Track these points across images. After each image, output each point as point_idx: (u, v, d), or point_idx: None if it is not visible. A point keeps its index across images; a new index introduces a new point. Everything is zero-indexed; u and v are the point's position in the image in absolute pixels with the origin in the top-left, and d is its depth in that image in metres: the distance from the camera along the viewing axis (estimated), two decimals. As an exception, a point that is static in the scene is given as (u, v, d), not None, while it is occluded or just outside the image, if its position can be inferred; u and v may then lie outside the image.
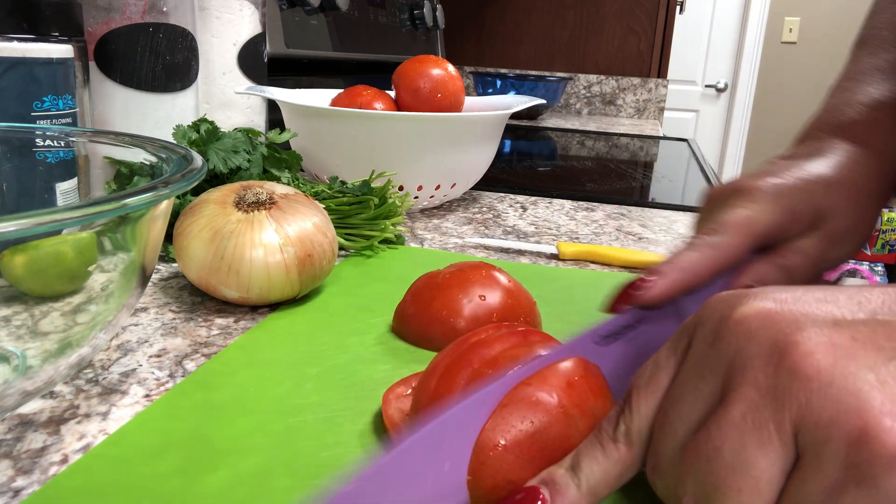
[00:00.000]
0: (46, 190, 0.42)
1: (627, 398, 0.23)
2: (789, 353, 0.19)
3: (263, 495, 0.25)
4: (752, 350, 0.20)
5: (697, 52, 3.46)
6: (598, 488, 0.22)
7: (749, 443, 0.19)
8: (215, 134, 0.52)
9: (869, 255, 2.97)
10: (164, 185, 0.26)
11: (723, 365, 0.20)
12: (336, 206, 0.54)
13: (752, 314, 0.20)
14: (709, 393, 0.21)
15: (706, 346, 0.21)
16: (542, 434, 0.24)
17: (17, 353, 0.27)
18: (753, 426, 0.19)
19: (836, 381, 0.18)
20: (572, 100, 2.03)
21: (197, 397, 0.31)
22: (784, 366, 0.19)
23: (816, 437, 0.18)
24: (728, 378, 0.20)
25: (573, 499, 0.22)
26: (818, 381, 0.18)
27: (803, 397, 0.18)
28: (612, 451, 0.22)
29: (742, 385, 0.19)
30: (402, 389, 0.31)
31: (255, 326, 0.39)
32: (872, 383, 0.18)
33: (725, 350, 0.21)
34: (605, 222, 0.70)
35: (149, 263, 0.30)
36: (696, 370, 0.21)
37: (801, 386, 0.18)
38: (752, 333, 0.20)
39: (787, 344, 0.19)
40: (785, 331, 0.19)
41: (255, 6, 0.65)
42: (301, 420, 0.30)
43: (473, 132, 0.65)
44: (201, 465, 0.27)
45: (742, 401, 0.19)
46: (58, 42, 0.44)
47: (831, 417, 0.18)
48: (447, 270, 0.40)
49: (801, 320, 0.20)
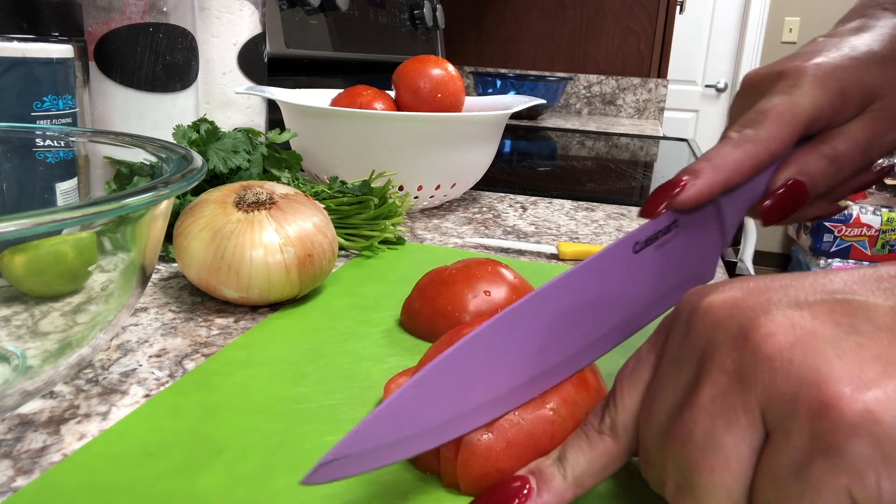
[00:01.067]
0: (46, 190, 0.42)
1: (612, 392, 0.24)
2: (752, 336, 0.20)
3: (263, 495, 0.25)
4: (720, 336, 0.21)
5: (697, 52, 3.46)
6: (583, 479, 0.23)
7: (718, 424, 0.20)
8: (215, 134, 0.52)
9: (868, 255, 2.97)
10: (164, 185, 0.26)
11: (696, 354, 0.21)
12: (336, 206, 0.54)
13: (718, 303, 0.21)
14: (685, 382, 0.21)
15: (680, 337, 0.22)
16: (529, 426, 0.25)
17: (17, 353, 0.27)
18: (721, 408, 0.20)
19: (796, 358, 0.19)
20: (572, 100, 2.03)
21: (196, 397, 0.31)
22: (748, 348, 0.20)
23: (782, 412, 0.19)
24: (700, 365, 0.21)
25: (559, 488, 0.23)
26: (780, 360, 0.19)
27: (767, 377, 0.19)
28: (598, 443, 0.23)
29: (711, 370, 0.20)
30: (403, 379, 0.31)
31: (254, 326, 0.39)
32: (831, 356, 0.18)
33: (697, 339, 0.21)
34: (605, 222, 0.70)
35: (149, 263, 0.30)
36: (673, 361, 0.22)
37: (765, 366, 0.19)
38: (719, 321, 0.21)
39: (750, 328, 0.20)
40: (749, 315, 0.20)
41: (255, 6, 0.65)
42: (301, 419, 0.30)
43: (473, 132, 0.65)
44: (201, 464, 0.27)
45: (711, 385, 0.20)
46: (58, 42, 0.44)
47: (793, 392, 0.18)
48: (454, 266, 0.41)
49: (764, 305, 0.20)
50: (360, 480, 0.26)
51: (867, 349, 0.18)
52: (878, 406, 0.17)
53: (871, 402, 0.17)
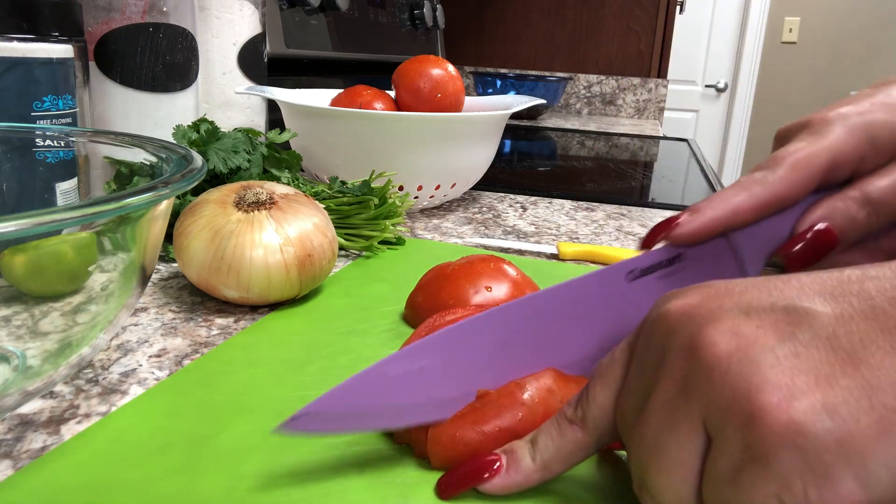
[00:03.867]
0: (46, 190, 0.42)
1: (587, 386, 0.25)
2: (698, 345, 0.20)
3: (263, 495, 0.25)
4: (672, 344, 0.21)
5: (697, 52, 3.46)
6: (550, 464, 0.25)
7: (663, 429, 0.21)
8: (215, 134, 0.52)
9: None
10: (164, 185, 0.26)
11: (654, 359, 0.22)
12: (336, 206, 0.54)
13: (675, 310, 0.22)
14: (646, 385, 0.22)
15: (645, 342, 0.23)
16: (500, 406, 0.27)
17: (17, 353, 0.27)
18: (667, 414, 0.21)
19: (733, 368, 0.19)
20: (572, 100, 2.03)
21: (196, 396, 0.31)
22: (694, 357, 0.20)
23: (719, 421, 0.19)
24: (655, 371, 0.22)
25: (527, 470, 0.25)
26: (718, 370, 0.19)
27: (707, 385, 0.20)
28: (567, 432, 0.25)
29: (663, 377, 0.21)
30: None
31: (254, 325, 0.39)
32: (765, 366, 0.19)
33: (655, 346, 0.22)
34: (605, 222, 0.70)
35: (149, 263, 0.30)
36: (639, 366, 0.23)
37: (705, 375, 0.20)
38: (672, 328, 0.21)
39: (697, 335, 0.20)
40: (699, 323, 0.21)
41: (255, 6, 0.65)
42: (301, 420, 0.30)
43: (473, 132, 0.65)
44: (201, 464, 0.27)
45: (661, 391, 0.21)
46: (58, 42, 0.44)
47: (728, 402, 0.19)
48: (457, 262, 0.41)
49: (715, 312, 0.21)
50: (340, 459, 0.26)
51: (802, 358, 0.19)
52: (804, 417, 0.18)
53: (797, 412, 0.18)
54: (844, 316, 0.19)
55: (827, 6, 3.41)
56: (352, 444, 0.28)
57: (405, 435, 0.28)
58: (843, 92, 3.45)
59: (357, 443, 0.28)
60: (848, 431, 0.17)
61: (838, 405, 0.17)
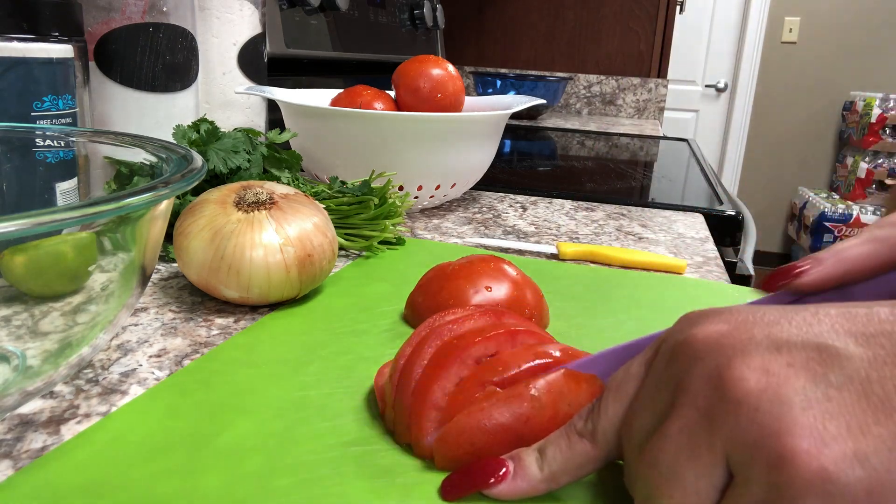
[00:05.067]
0: (46, 190, 0.42)
1: (599, 399, 0.25)
2: (725, 378, 0.20)
3: (263, 495, 0.25)
4: (697, 371, 0.21)
5: (697, 52, 3.46)
6: (557, 475, 0.24)
7: (681, 457, 0.20)
8: (215, 134, 0.52)
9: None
10: (164, 185, 0.26)
11: (674, 382, 0.22)
12: (336, 206, 0.54)
13: (702, 337, 0.22)
14: (662, 407, 0.22)
15: (664, 362, 0.23)
16: (508, 406, 0.26)
17: (17, 353, 0.27)
18: (687, 442, 0.20)
19: (763, 406, 0.19)
20: (572, 100, 2.03)
21: (196, 396, 0.31)
22: (720, 389, 0.20)
23: (743, 458, 0.19)
24: (675, 395, 0.22)
25: (533, 479, 0.24)
26: (747, 406, 0.19)
27: (733, 420, 0.19)
28: (577, 445, 0.24)
29: (684, 404, 0.21)
30: (388, 370, 0.32)
31: (254, 325, 0.39)
32: (797, 407, 0.19)
33: (677, 370, 0.22)
34: (606, 222, 0.70)
35: (149, 263, 0.30)
36: (654, 384, 0.23)
37: (732, 409, 0.19)
38: (699, 356, 0.21)
39: (725, 368, 0.20)
40: (728, 354, 0.20)
41: (255, 6, 0.65)
42: (301, 419, 0.30)
43: (473, 132, 0.65)
44: (201, 464, 0.27)
45: (681, 418, 0.21)
46: (58, 42, 0.44)
47: (755, 440, 0.19)
48: (458, 262, 0.42)
49: (745, 344, 0.21)
50: (341, 459, 0.26)
51: (834, 402, 0.18)
52: (834, 466, 0.17)
53: (827, 460, 0.17)
54: (878, 360, 0.19)
55: (827, 6, 3.41)
56: (352, 444, 0.28)
57: (405, 435, 0.28)
58: (844, 92, 3.46)
59: (357, 443, 0.29)
60: (879, 481, 0.17)
61: (870, 454, 0.17)
